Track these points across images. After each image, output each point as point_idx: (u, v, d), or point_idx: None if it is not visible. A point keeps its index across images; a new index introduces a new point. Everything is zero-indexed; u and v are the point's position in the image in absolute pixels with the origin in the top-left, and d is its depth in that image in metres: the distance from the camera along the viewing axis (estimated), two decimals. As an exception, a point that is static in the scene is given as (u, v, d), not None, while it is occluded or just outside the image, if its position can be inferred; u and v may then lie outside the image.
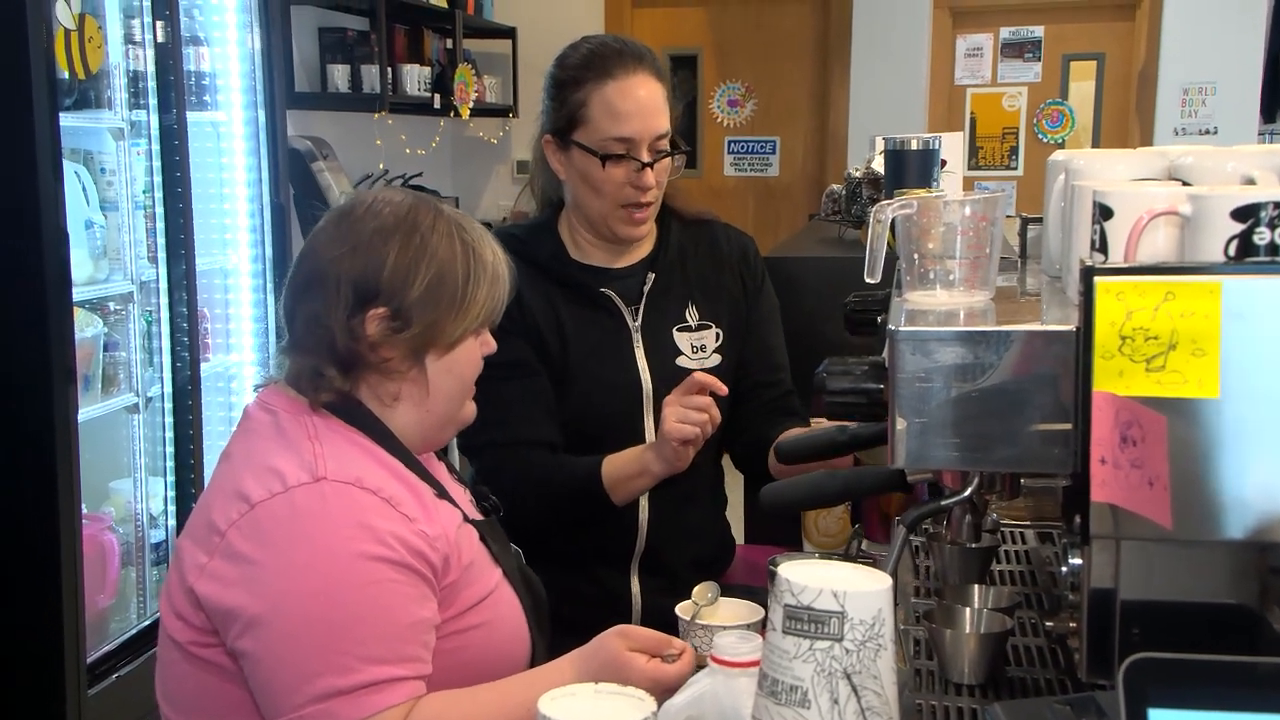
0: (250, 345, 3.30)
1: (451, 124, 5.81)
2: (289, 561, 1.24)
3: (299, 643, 1.23)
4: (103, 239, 2.72)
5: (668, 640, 1.31)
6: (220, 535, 1.28)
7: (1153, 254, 1.12)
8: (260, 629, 1.24)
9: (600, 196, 1.80)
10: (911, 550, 1.70)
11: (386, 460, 1.36)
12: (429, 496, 1.37)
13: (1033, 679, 1.38)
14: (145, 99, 2.81)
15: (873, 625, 0.97)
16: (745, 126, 6.07)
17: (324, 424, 1.35)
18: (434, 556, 1.31)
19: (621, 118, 1.75)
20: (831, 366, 1.33)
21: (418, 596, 1.29)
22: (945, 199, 1.30)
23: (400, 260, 1.35)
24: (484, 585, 1.39)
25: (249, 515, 1.27)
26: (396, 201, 1.40)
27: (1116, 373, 1.04)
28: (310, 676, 1.22)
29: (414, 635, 1.28)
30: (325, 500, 1.27)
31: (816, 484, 1.46)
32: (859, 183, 2.59)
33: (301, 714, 1.22)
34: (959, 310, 1.27)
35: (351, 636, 1.23)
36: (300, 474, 1.28)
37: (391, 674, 1.24)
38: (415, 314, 1.35)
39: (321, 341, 1.35)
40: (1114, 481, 1.05)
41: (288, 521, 1.26)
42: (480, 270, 1.39)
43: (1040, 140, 5.65)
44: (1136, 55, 5.52)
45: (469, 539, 1.40)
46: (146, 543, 2.85)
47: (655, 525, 1.85)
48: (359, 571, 1.24)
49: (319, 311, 1.35)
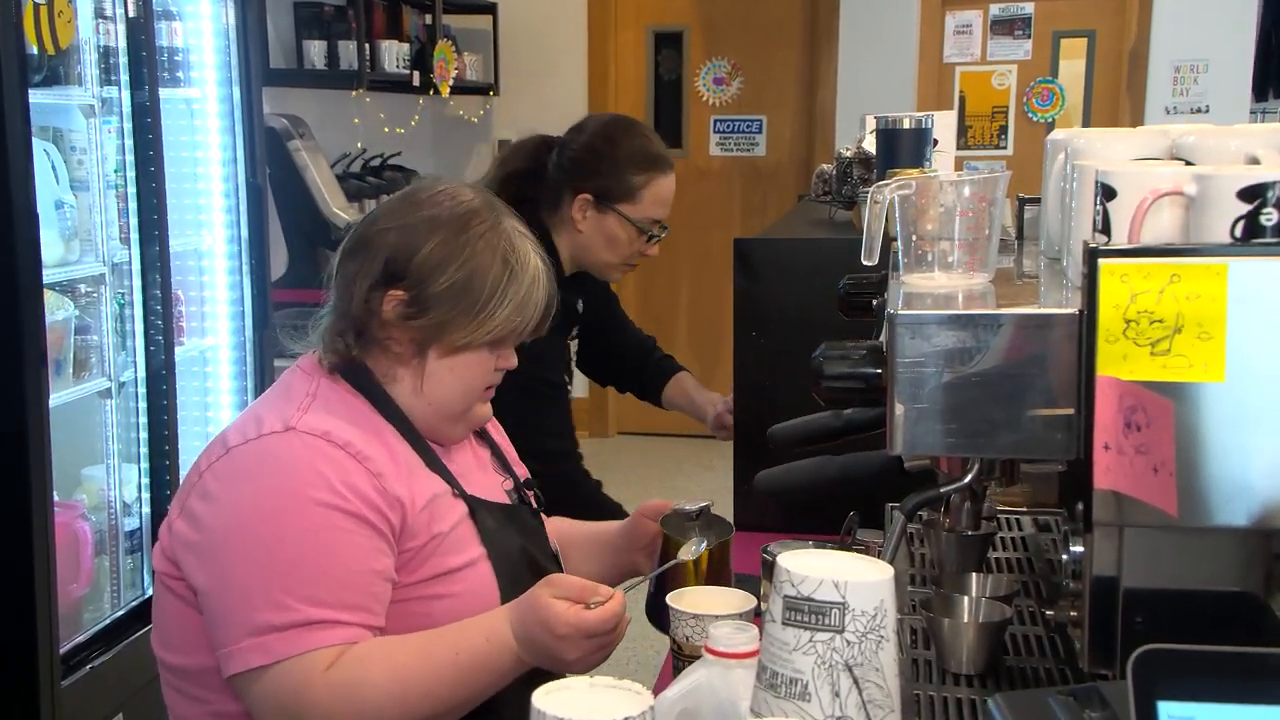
0: (226, 329, 3.27)
1: (431, 102, 5.77)
2: (242, 499, 1.33)
3: (242, 576, 1.31)
4: (74, 219, 2.69)
5: (594, 588, 1.34)
6: (199, 475, 1.38)
7: (1157, 235, 1.12)
8: (210, 562, 1.33)
9: (615, 254, 2.26)
10: (907, 538, 1.69)
11: (376, 424, 1.42)
12: (412, 463, 1.42)
13: (1032, 669, 1.38)
14: (117, 75, 2.78)
15: (874, 616, 0.96)
16: (731, 105, 6.05)
17: (329, 384, 1.44)
18: (392, 515, 1.36)
19: (665, 206, 2.25)
20: (829, 351, 1.32)
21: (370, 549, 1.34)
22: (944, 179, 1.29)
23: (437, 252, 1.41)
24: (455, 559, 1.42)
25: (224, 458, 1.37)
26: (463, 199, 1.46)
27: (1120, 357, 1.04)
28: (249, 611, 1.29)
29: (361, 584, 1.33)
30: (289, 447, 1.35)
31: (813, 470, 1.46)
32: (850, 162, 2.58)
33: (240, 646, 1.29)
34: (958, 293, 1.27)
35: (293, 576, 1.29)
36: (275, 423, 1.37)
37: (329, 616, 1.29)
38: (431, 307, 1.41)
39: (345, 303, 1.44)
40: (1118, 468, 1.05)
41: (251, 464, 1.35)
42: (511, 291, 1.43)
43: (1030, 119, 5.65)
44: (1128, 32, 5.52)
45: (449, 510, 1.43)
46: (120, 531, 2.83)
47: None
48: (308, 515, 1.31)
49: (352, 274, 1.43)
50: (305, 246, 4.18)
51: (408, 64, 5.13)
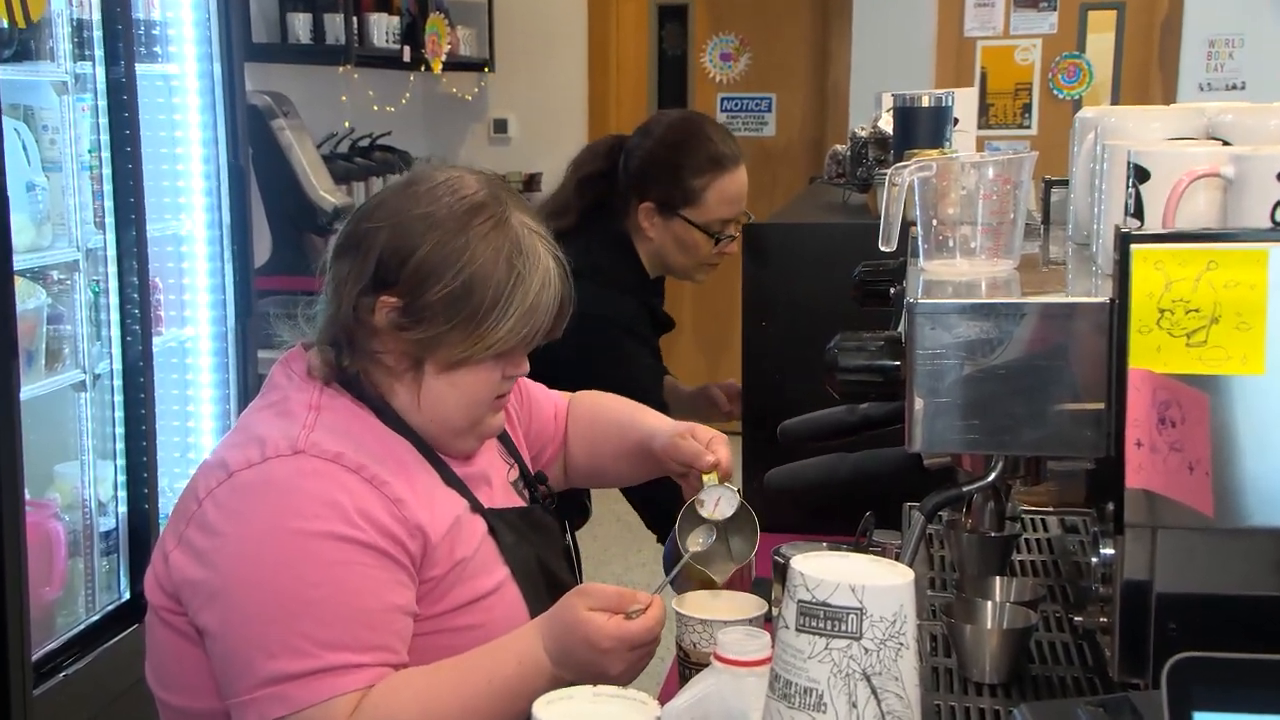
0: (206, 318, 3.27)
1: (423, 79, 5.76)
2: (251, 535, 1.28)
3: (255, 621, 1.26)
4: (45, 202, 2.69)
5: (632, 595, 1.31)
6: (198, 503, 1.32)
7: (1193, 219, 1.12)
8: (218, 604, 1.28)
9: (692, 258, 2.30)
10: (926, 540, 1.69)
11: (388, 439, 1.38)
12: (430, 483, 1.38)
13: (1059, 678, 1.38)
14: (91, 50, 2.77)
15: (893, 622, 0.96)
16: (739, 82, 6.04)
17: (331, 394, 1.38)
18: (411, 544, 1.32)
19: (732, 204, 2.27)
20: (844, 342, 1.32)
21: (390, 582, 1.30)
22: (966, 160, 1.29)
23: (432, 256, 1.34)
24: (481, 584, 1.39)
25: (225, 484, 1.31)
26: (465, 193, 1.37)
27: (1154, 348, 1.04)
28: (264, 658, 1.25)
29: (381, 622, 1.29)
30: (299, 474, 1.29)
31: (827, 468, 1.46)
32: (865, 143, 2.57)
33: (254, 696, 1.25)
34: (980, 281, 1.27)
35: (310, 618, 1.25)
36: (280, 445, 1.31)
37: (349, 660, 1.25)
38: (426, 317, 1.34)
39: (335, 308, 1.38)
40: (1151, 466, 1.05)
41: (258, 493, 1.29)
42: (517, 299, 1.35)
43: (1055, 96, 5.64)
44: (1159, 4, 5.50)
45: (471, 532, 1.40)
46: (95, 531, 2.83)
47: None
48: (322, 551, 1.26)
49: (343, 277, 1.37)
50: (290, 231, 4.17)
51: (398, 38, 5.12)
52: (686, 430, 1.58)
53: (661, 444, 1.58)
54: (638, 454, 1.65)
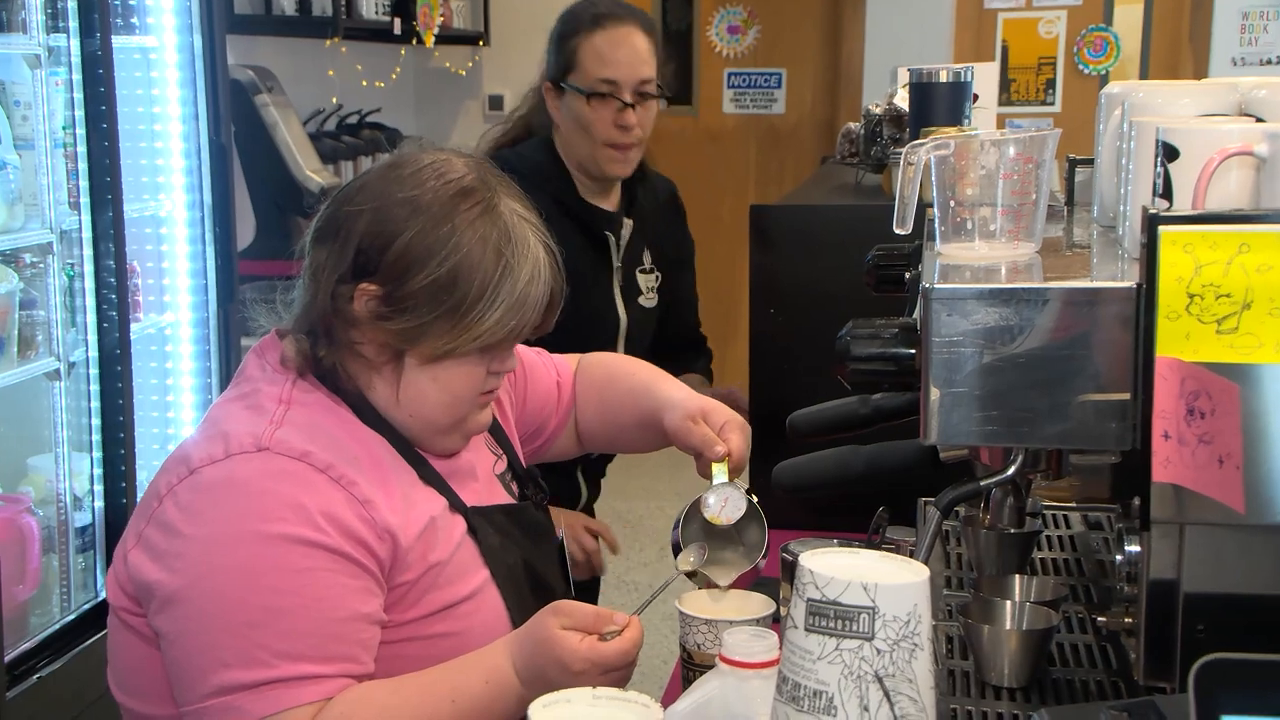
0: (186, 304, 3.27)
1: (414, 53, 5.75)
2: (210, 538, 1.28)
3: (211, 629, 1.26)
4: (17, 182, 2.69)
5: (609, 616, 1.31)
6: (159, 500, 1.32)
7: (1224, 200, 1.12)
8: (175, 609, 1.28)
9: (589, 136, 2.24)
10: (942, 537, 1.70)
11: (362, 435, 1.37)
12: (405, 481, 1.37)
13: (1081, 681, 1.38)
14: (65, 21, 2.77)
15: (907, 622, 0.96)
16: (747, 57, 6.04)
17: (304, 387, 1.38)
18: (380, 548, 1.31)
19: (608, 62, 2.22)
20: (856, 330, 1.32)
21: (355, 588, 1.30)
22: (986, 138, 1.29)
23: (416, 244, 1.33)
24: (458, 589, 1.39)
25: (187, 481, 1.31)
26: (451, 176, 1.37)
27: (1183, 335, 1.04)
28: (218, 666, 1.25)
29: (345, 631, 1.29)
30: (262, 473, 1.29)
31: (838, 462, 1.46)
32: (879, 120, 2.57)
33: (205, 705, 1.25)
34: (1000, 265, 1.27)
35: (268, 627, 1.25)
36: (245, 441, 1.31)
37: (308, 671, 1.25)
38: (408, 308, 1.33)
39: (312, 296, 1.37)
40: (1178, 459, 1.05)
41: (219, 493, 1.29)
42: (504, 289, 1.34)
43: (1081, 72, 5.63)
44: (1190, -24, 5.50)
45: (448, 534, 1.39)
46: (70, 526, 2.83)
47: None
48: (285, 555, 1.26)
49: (322, 262, 1.37)
50: (274, 213, 4.17)
51: (388, 10, 5.12)
52: (699, 412, 1.56)
53: (671, 424, 1.57)
54: (651, 425, 1.63)
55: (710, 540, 1.49)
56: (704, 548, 1.48)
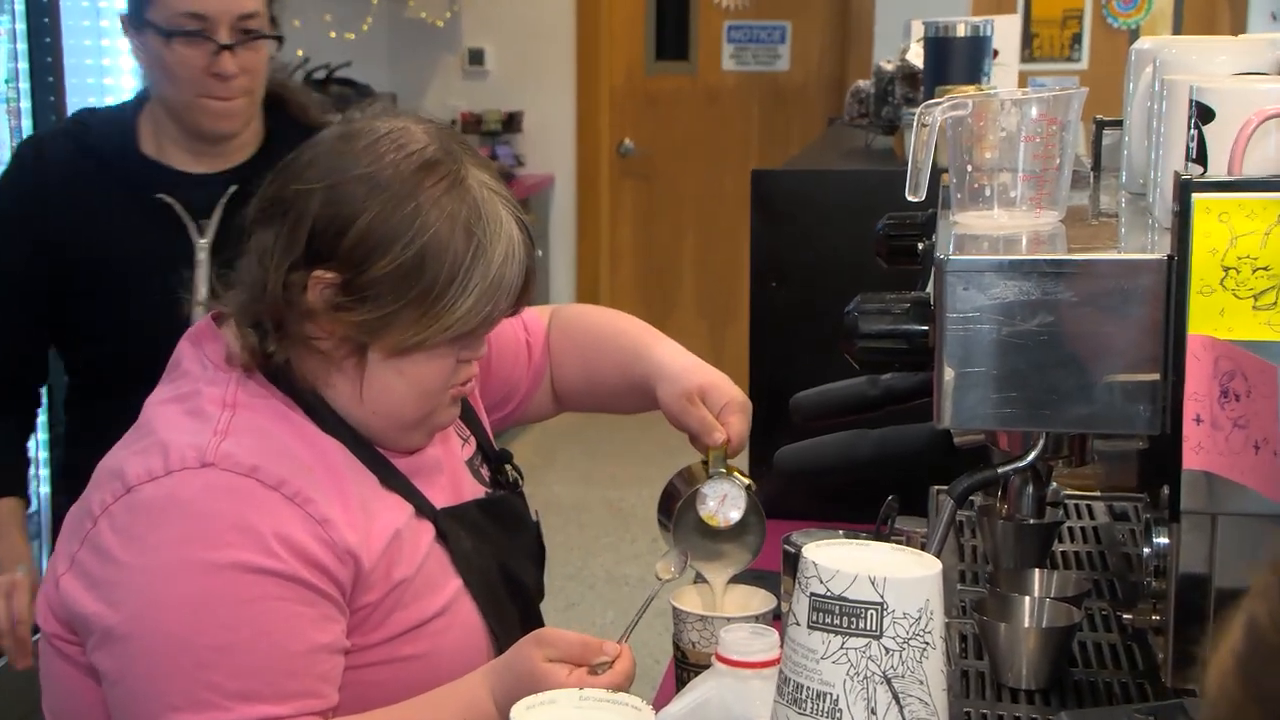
0: (140, 274, 3.26)
1: (387, 3, 5.73)
2: (153, 567, 1.24)
3: (157, 672, 1.23)
4: (-43, 141, 2.68)
5: (598, 646, 1.27)
6: (93, 520, 1.28)
7: (1263, 165, 1.12)
8: (116, 647, 1.25)
9: (175, 84, 1.93)
10: (956, 528, 1.70)
11: (317, 442, 1.33)
12: (366, 492, 1.34)
13: (1104, 683, 1.39)
14: (7, -34, 2.76)
15: (918, 619, 0.97)
16: (749, 9, 6.02)
17: (251, 387, 1.33)
18: (340, 571, 1.28)
19: None
20: (865, 305, 1.32)
21: (314, 617, 1.27)
22: (1006, 98, 1.29)
23: (376, 225, 1.28)
24: (428, 606, 1.36)
25: (123, 500, 1.26)
26: (413, 147, 1.31)
27: (1217, 311, 1.04)
28: (166, 710, 1.22)
29: (303, 666, 1.26)
30: (208, 493, 1.25)
31: (845, 447, 1.47)
32: (891, 78, 2.58)
33: None
34: (1021, 235, 1.27)
35: (221, 667, 1.22)
36: (187, 455, 1.26)
37: (264, 713, 1.23)
38: (370, 297, 1.29)
39: (258, 285, 1.31)
40: (1211, 445, 1.05)
41: (159, 516, 1.25)
42: (478, 273, 1.30)
43: (1109, 26, 5.62)
44: (1228, -76, 5.49)
45: (415, 545, 1.36)
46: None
47: None
48: (235, 585, 1.23)
49: (269, 247, 1.31)
50: (235, 176, 4.16)
51: (359, -44, 5.10)
52: (696, 390, 1.51)
53: (666, 399, 1.53)
54: (642, 392, 1.59)
55: (704, 533, 1.49)
56: (685, 554, 1.47)
